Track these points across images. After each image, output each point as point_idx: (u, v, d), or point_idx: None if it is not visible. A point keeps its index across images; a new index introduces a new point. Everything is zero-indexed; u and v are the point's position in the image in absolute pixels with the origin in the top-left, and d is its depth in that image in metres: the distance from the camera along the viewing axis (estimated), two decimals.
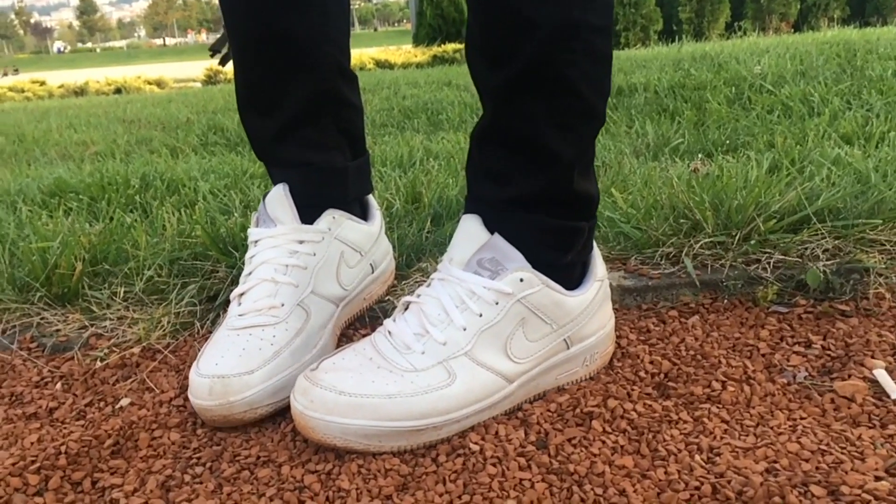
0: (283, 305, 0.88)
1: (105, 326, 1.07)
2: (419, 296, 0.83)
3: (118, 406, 0.89)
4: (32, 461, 0.76)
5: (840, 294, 1.03)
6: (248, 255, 0.93)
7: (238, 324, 0.87)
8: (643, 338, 0.98)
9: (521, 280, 0.80)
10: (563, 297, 0.83)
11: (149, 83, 13.61)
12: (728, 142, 2.06)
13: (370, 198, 1.06)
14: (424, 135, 2.88)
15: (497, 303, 0.79)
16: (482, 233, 0.82)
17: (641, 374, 0.88)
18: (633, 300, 1.07)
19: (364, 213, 1.04)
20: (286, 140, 0.95)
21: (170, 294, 1.12)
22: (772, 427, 0.77)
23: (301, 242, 0.92)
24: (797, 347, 0.93)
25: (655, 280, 1.08)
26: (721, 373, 0.87)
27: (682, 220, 1.18)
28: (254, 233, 0.94)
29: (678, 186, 1.27)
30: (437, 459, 0.75)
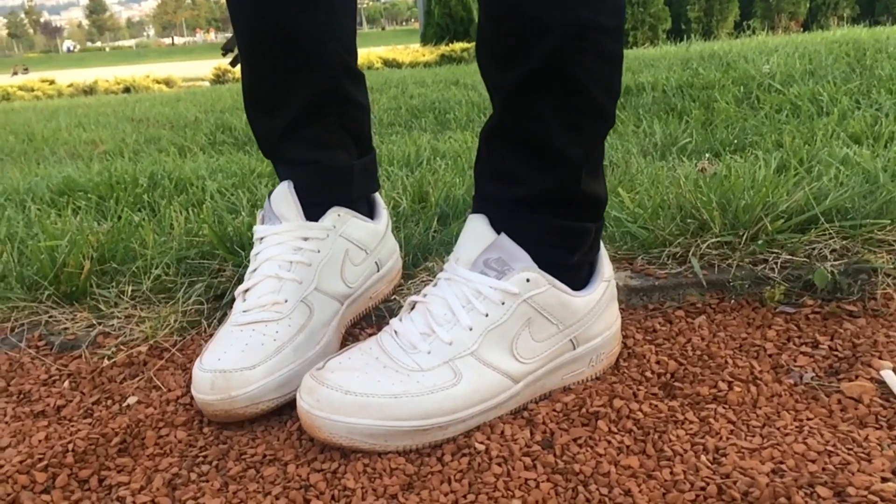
0: (287, 302, 0.89)
1: (113, 325, 1.08)
2: (425, 295, 0.83)
3: (125, 404, 0.89)
4: (40, 459, 0.77)
5: (848, 294, 1.02)
6: (254, 252, 0.93)
7: (241, 320, 0.88)
8: (649, 338, 0.97)
9: (528, 280, 0.80)
10: (570, 298, 0.83)
11: (157, 82, 13.64)
12: (736, 141, 2.06)
13: (377, 196, 1.06)
14: (432, 134, 2.88)
15: (503, 303, 0.79)
16: (489, 233, 0.82)
17: (647, 374, 0.88)
18: (640, 300, 1.07)
19: (371, 212, 1.04)
20: (291, 138, 0.95)
21: (177, 293, 1.13)
22: (778, 428, 0.77)
23: (305, 239, 0.92)
24: (804, 348, 0.93)
25: (662, 280, 1.08)
26: (727, 373, 0.87)
27: (690, 220, 1.18)
28: (259, 230, 0.94)
29: (685, 186, 1.27)
30: (443, 459, 0.75)
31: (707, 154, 1.91)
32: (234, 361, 0.82)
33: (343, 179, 0.98)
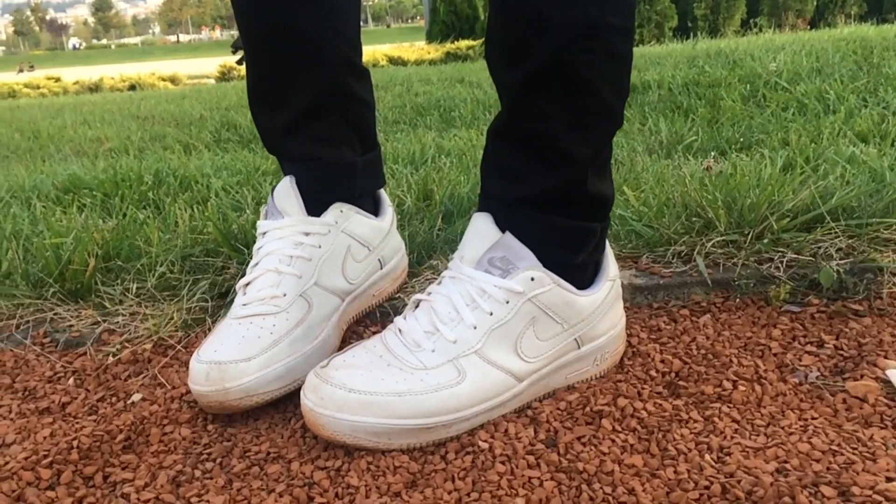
0: (286, 295, 0.89)
1: (117, 322, 1.08)
2: (430, 294, 0.83)
3: (130, 401, 0.90)
4: (45, 455, 0.77)
5: (853, 293, 1.02)
6: (256, 247, 0.94)
7: (240, 313, 0.88)
8: (654, 336, 0.97)
9: (532, 279, 0.80)
10: (575, 297, 0.83)
11: (163, 80, 13.68)
12: (742, 139, 2.05)
13: (383, 194, 1.06)
14: (437, 132, 2.88)
15: (508, 301, 0.79)
16: (493, 231, 0.82)
17: (652, 373, 0.88)
18: (645, 299, 1.07)
19: (376, 209, 1.04)
20: (295, 134, 0.95)
21: (181, 290, 1.13)
22: (783, 427, 0.76)
23: (307, 234, 0.92)
24: (809, 347, 0.92)
25: (667, 279, 1.08)
26: (732, 372, 0.86)
27: (695, 219, 1.18)
28: (262, 225, 0.95)
29: (691, 184, 1.26)
30: (447, 457, 0.75)
31: (713, 152, 1.91)
32: (230, 353, 0.82)
33: (346, 176, 0.98)
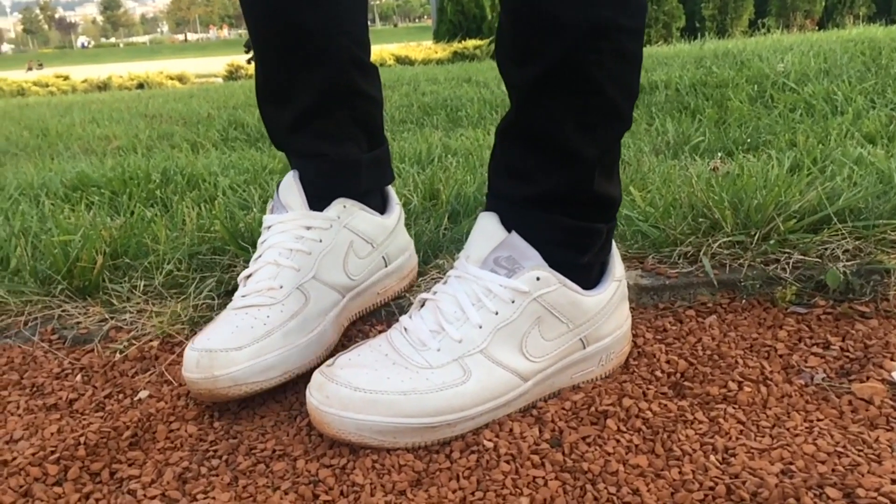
0: (282, 287, 0.89)
1: (125, 319, 1.08)
2: (435, 293, 0.83)
3: (137, 398, 0.90)
4: (52, 451, 0.77)
5: (860, 295, 1.02)
6: (260, 240, 0.95)
7: (238, 304, 0.89)
8: (660, 337, 0.97)
9: (538, 279, 0.80)
10: (580, 297, 0.83)
11: (171, 78, 13.73)
12: (749, 140, 2.05)
13: (391, 192, 1.06)
14: (443, 131, 2.88)
15: (513, 301, 0.79)
16: (499, 231, 0.82)
17: (657, 374, 0.88)
18: (650, 299, 1.07)
19: (383, 206, 1.05)
20: (301, 131, 0.96)
21: (188, 288, 1.13)
22: (788, 428, 0.76)
23: (308, 228, 0.93)
24: (815, 348, 0.92)
25: (673, 279, 1.08)
26: (738, 373, 0.86)
27: (701, 219, 1.17)
28: (267, 219, 0.95)
29: (697, 185, 1.26)
30: (451, 456, 0.75)
31: (720, 153, 1.90)
32: (222, 342, 0.83)
33: (351, 172, 0.98)
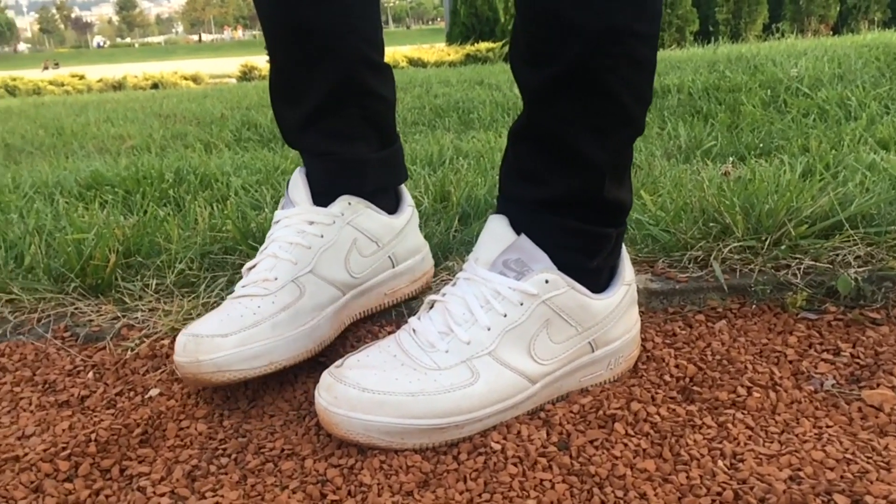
0: (277, 279, 0.90)
1: (137, 318, 1.09)
2: (444, 294, 0.84)
3: (147, 396, 0.91)
4: (63, 448, 0.78)
5: (871, 302, 1.01)
6: (268, 234, 0.96)
7: (235, 294, 0.90)
8: (669, 341, 0.97)
9: (547, 281, 0.80)
10: (589, 300, 0.83)
11: (185, 79, 13.79)
12: (762, 145, 2.04)
13: (406, 193, 1.06)
14: (455, 133, 2.88)
15: (522, 303, 0.79)
16: (509, 233, 0.82)
17: (666, 378, 0.88)
18: (660, 303, 1.06)
19: (395, 206, 1.04)
20: (310, 129, 0.96)
21: (200, 287, 1.14)
22: (797, 434, 0.76)
23: (311, 223, 0.94)
24: (825, 355, 0.92)
25: (683, 283, 1.07)
26: (747, 378, 0.86)
27: (712, 224, 1.17)
28: (276, 214, 0.97)
29: (709, 189, 1.26)
30: (459, 457, 0.75)
31: (732, 158, 1.90)
32: (210, 328, 0.84)
33: (357, 171, 0.98)
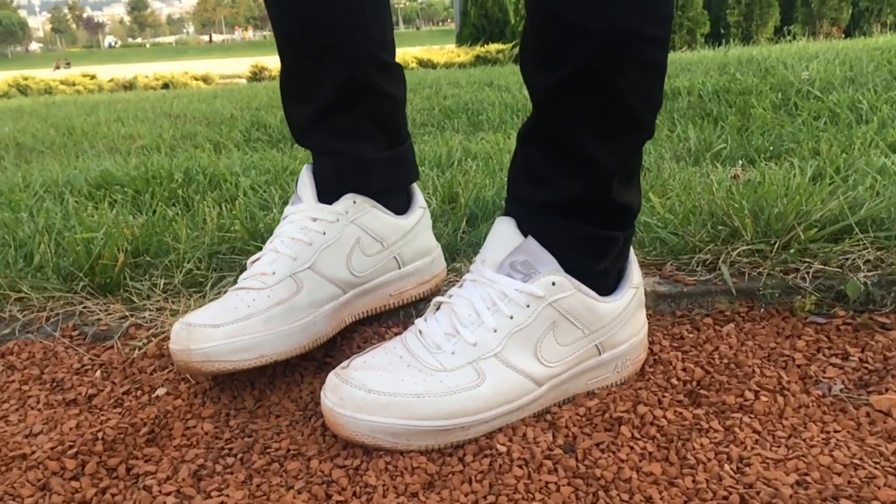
0: (275, 274, 0.91)
1: (145, 317, 1.10)
2: (451, 296, 0.83)
3: (154, 395, 0.91)
4: (70, 446, 0.78)
5: (880, 306, 1.01)
6: (275, 230, 0.96)
7: (235, 286, 0.91)
8: (676, 344, 0.97)
9: (554, 284, 0.80)
10: (596, 303, 0.83)
11: (195, 79, 13.84)
12: (772, 148, 2.03)
13: (418, 194, 1.05)
14: (464, 135, 2.88)
15: (528, 305, 0.79)
16: (516, 235, 0.82)
17: (673, 381, 0.88)
18: (668, 306, 1.06)
19: (406, 207, 1.04)
20: (317, 127, 0.96)
21: (207, 286, 1.14)
22: (804, 439, 0.76)
23: (314, 220, 0.94)
24: (834, 359, 0.91)
25: (691, 287, 1.07)
26: (755, 382, 0.86)
27: (721, 227, 1.17)
28: (285, 210, 0.97)
29: (718, 192, 1.25)
30: (464, 459, 0.75)
31: (741, 161, 1.89)
32: (203, 318, 0.85)
33: (362, 171, 0.97)
